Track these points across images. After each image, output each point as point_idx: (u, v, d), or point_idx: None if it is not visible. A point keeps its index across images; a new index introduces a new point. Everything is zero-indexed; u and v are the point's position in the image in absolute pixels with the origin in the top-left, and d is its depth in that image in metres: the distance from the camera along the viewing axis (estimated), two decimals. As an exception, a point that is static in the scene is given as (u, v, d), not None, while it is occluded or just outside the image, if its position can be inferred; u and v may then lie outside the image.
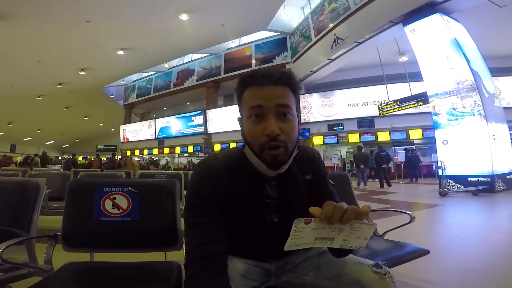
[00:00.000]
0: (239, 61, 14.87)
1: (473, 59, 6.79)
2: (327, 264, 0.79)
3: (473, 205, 4.98)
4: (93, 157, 14.85)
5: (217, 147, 15.08)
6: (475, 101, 6.29)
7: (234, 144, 13.27)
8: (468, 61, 6.51)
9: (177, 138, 17.17)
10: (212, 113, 15.52)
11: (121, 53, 12.98)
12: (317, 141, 13.10)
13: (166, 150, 17.86)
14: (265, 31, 13.71)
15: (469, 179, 6.27)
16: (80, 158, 20.69)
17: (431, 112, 7.20)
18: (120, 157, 15.58)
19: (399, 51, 10.08)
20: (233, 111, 11.68)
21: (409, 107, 9.72)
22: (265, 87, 0.71)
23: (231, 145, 13.50)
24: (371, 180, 9.96)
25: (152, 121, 18.67)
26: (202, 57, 16.47)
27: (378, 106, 10.96)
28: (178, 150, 17.41)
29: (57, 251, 1.15)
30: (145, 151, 18.90)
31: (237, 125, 0.79)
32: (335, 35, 10.05)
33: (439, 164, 6.44)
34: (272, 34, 14.08)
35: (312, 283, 0.80)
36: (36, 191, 1.27)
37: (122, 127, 20.19)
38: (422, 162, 10.76)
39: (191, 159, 17.60)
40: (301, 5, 12.68)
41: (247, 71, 0.77)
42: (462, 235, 2.85)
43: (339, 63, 10.98)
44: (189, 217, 0.72)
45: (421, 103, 9.03)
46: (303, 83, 12.60)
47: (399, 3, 7.69)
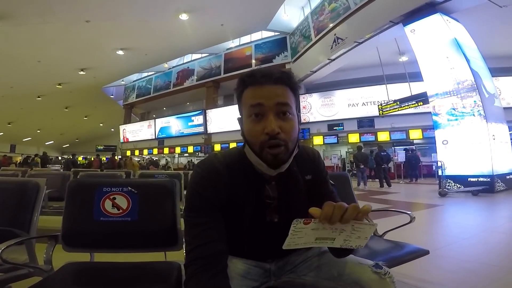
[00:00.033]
0: (239, 61, 14.85)
1: (473, 59, 6.79)
2: (327, 264, 0.79)
3: (473, 205, 4.97)
4: (93, 157, 14.82)
5: (217, 147, 15.07)
6: (475, 101, 6.29)
7: (234, 144, 13.26)
8: (468, 61, 6.51)
9: (177, 138, 17.15)
10: (212, 113, 15.51)
11: (121, 53, 12.96)
12: (317, 141, 13.10)
13: (166, 150, 17.84)
14: (265, 31, 13.68)
15: (469, 179, 6.27)
16: (80, 158, 20.65)
17: (431, 112, 7.20)
18: (120, 157, 15.57)
19: (399, 51, 10.08)
20: (233, 111, 11.65)
21: (409, 107, 9.72)
22: (265, 86, 0.71)
23: (231, 145, 13.49)
24: (371, 180, 9.96)
25: (152, 121, 18.65)
26: (202, 57, 16.45)
27: (378, 106, 10.96)
28: (178, 150, 17.40)
29: (57, 251, 1.15)
30: (145, 151, 18.88)
31: (237, 125, 0.79)
32: (335, 35, 10.05)
33: (439, 164, 6.43)
34: (272, 34, 14.05)
35: (312, 283, 0.80)
36: (36, 191, 1.27)
37: (122, 127, 20.18)
38: (422, 162, 10.76)
39: (191, 159, 17.59)
40: (301, 5, 12.66)
41: (247, 71, 0.77)
42: (462, 235, 2.85)
43: (339, 63, 10.98)
44: (189, 217, 0.71)
45: (421, 103, 9.03)
46: (303, 83, 12.60)
47: (399, 3, 7.68)
